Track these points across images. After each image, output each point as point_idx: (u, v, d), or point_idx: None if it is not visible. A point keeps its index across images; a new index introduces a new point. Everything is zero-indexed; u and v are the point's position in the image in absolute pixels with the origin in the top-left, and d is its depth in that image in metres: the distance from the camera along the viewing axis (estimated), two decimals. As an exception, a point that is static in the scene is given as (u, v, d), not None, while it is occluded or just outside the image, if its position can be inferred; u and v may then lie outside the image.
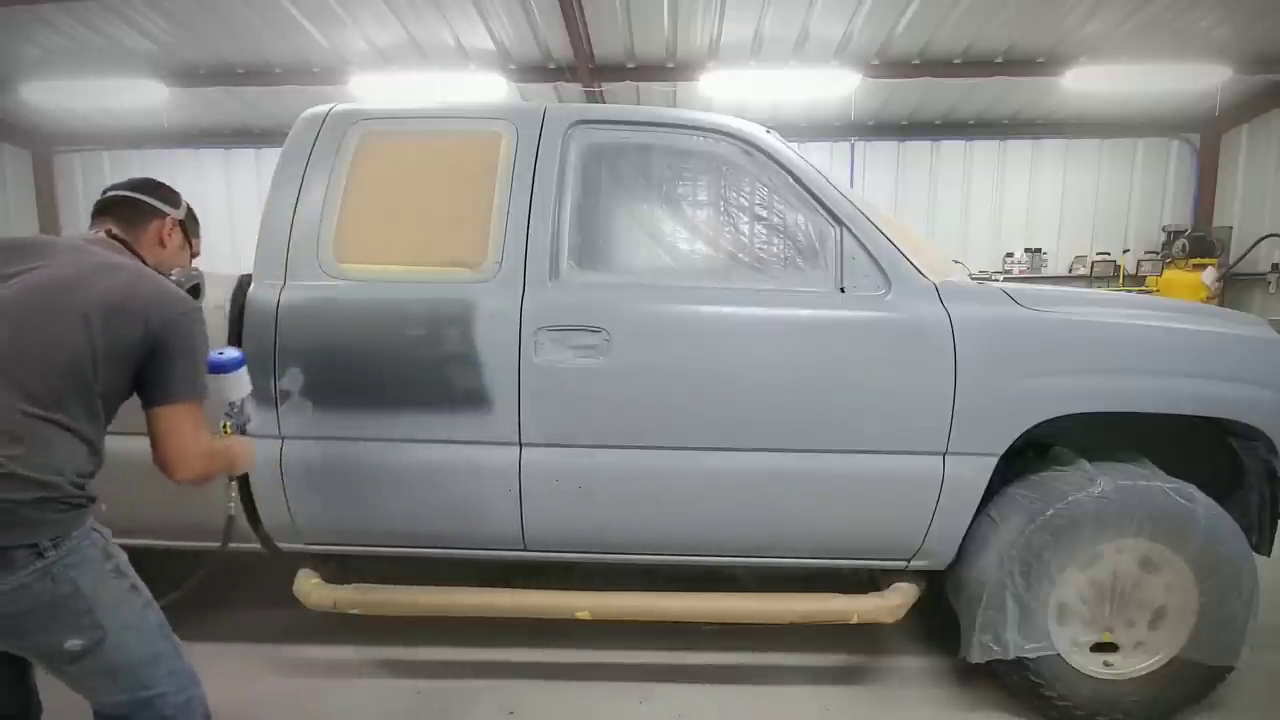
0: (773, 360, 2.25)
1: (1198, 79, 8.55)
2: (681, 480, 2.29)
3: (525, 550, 2.40)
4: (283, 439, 2.29)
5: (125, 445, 1.62)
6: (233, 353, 1.93)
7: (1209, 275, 8.89)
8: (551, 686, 2.57)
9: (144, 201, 1.73)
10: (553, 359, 2.24)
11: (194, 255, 1.88)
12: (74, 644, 1.40)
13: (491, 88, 8.81)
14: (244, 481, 2.32)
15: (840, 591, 2.47)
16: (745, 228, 2.41)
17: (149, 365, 1.49)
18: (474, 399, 2.25)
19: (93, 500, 1.47)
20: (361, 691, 2.55)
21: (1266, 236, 9.20)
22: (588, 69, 8.61)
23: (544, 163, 2.38)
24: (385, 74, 8.52)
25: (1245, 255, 9.39)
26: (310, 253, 2.34)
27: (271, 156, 2.66)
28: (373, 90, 8.51)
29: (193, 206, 1.89)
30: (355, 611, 2.42)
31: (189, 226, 1.84)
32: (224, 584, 3.19)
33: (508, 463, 2.28)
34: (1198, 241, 9.26)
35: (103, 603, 1.43)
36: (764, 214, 2.39)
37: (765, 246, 2.38)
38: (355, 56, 8.50)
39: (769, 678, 2.63)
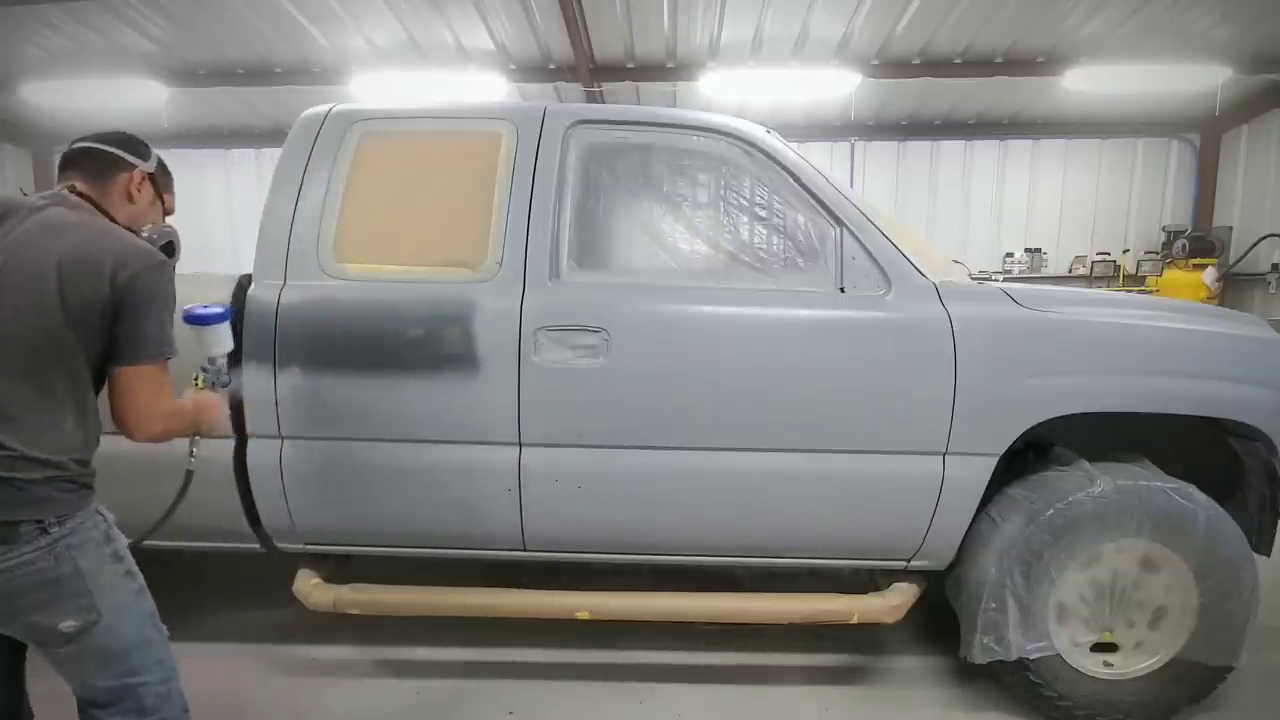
0: (773, 360, 2.25)
1: (1198, 79, 8.55)
2: (681, 480, 2.29)
3: (525, 550, 2.40)
4: (283, 439, 2.29)
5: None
6: (216, 307, 1.87)
7: (1209, 275, 8.88)
8: (551, 686, 2.57)
9: (110, 153, 1.61)
10: (552, 359, 2.24)
11: (167, 212, 1.77)
12: (69, 625, 1.41)
13: (491, 88, 8.81)
14: (243, 481, 2.33)
15: (840, 591, 2.47)
16: (745, 228, 2.40)
17: (116, 323, 1.44)
18: (474, 399, 2.25)
19: (94, 477, 1.48)
20: (361, 691, 2.54)
21: (1266, 236, 9.20)
22: (588, 69, 8.62)
23: (544, 163, 2.38)
24: (385, 74, 8.52)
25: (1245, 255, 9.40)
26: (310, 253, 2.34)
27: (271, 156, 2.65)
28: (373, 90, 8.50)
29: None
30: (355, 611, 2.42)
31: (160, 180, 1.72)
32: (224, 584, 3.20)
33: (507, 462, 2.28)
34: (1198, 241, 9.25)
35: (100, 586, 1.44)
36: (764, 214, 2.39)
37: (765, 246, 2.38)
38: (355, 56, 8.50)
39: (769, 678, 2.63)
